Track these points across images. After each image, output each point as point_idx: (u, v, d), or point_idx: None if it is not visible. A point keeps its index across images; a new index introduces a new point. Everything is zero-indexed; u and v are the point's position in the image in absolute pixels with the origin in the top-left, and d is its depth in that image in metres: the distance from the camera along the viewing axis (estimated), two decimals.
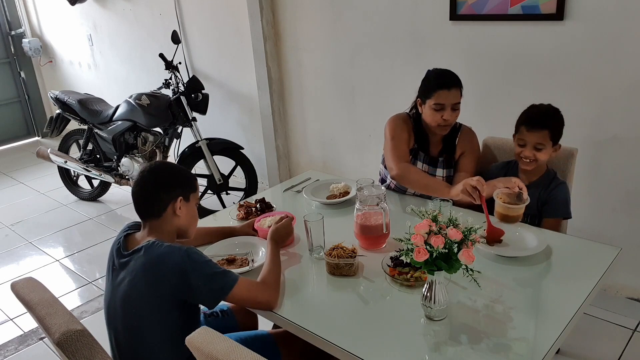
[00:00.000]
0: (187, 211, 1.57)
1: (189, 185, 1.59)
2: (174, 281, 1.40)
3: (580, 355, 2.28)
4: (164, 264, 1.40)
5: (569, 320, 1.35)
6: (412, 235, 1.31)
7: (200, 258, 1.44)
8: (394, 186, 2.22)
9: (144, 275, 1.42)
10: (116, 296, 1.48)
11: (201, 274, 1.41)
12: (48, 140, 5.90)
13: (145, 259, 1.42)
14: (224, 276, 1.44)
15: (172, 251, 1.42)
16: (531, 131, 1.92)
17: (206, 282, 1.41)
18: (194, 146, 3.61)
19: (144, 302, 1.43)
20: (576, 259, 1.66)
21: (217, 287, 1.43)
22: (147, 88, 3.91)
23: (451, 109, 2.02)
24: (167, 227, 1.54)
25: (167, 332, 1.46)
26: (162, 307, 1.43)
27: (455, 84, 2.03)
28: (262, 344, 1.65)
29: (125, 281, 1.45)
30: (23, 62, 6.04)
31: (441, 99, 2.01)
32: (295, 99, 3.78)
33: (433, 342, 1.34)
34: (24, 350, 2.61)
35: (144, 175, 1.53)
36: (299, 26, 3.52)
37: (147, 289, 1.42)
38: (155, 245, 1.44)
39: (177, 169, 1.62)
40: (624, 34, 2.28)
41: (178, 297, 1.43)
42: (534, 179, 2.02)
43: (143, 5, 4.55)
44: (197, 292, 1.42)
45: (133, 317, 1.46)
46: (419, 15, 2.89)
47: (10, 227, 4.01)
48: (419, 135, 2.16)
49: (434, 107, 2.03)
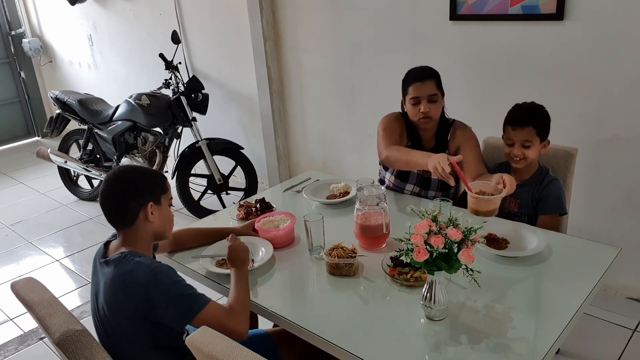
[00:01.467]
0: (160, 214, 1.49)
1: (158, 187, 1.50)
2: (137, 300, 1.36)
3: (580, 355, 2.27)
4: (130, 282, 1.36)
5: (569, 320, 1.35)
6: (412, 235, 1.31)
7: (168, 278, 1.38)
8: (392, 186, 2.23)
9: (112, 290, 1.40)
10: (97, 305, 1.47)
11: (166, 294, 1.35)
12: (48, 140, 5.90)
13: (114, 273, 1.40)
14: (191, 299, 1.38)
15: (137, 268, 1.37)
16: (516, 129, 1.95)
17: (171, 303, 1.36)
18: (194, 146, 3.61)
19: (117, 315, 1.41)
20: (576, 259, 1.66)
21: (183, 310, 1.37)
22: (147, 88, 3.91)
23: (427, 100, 2.04)
24: (142, 234, 1.48)
25: (149, 342, 1.44)
26: (135, 322, 1.40)
27: (428, 76, 2.06)
28: (261, 343, 1.65)
29: (101, 292, 1.44)
30: (23, 62, 6.04)
31: (416, 92, 2.05)
32: (295, 99, 3.78)
33: (433, 342, 1.34)
34: (24, 350, 2.61)
35: (109, 185, 1.45)
36: (299, 26, 3.52)
37: (117, 304, 1.40)
38: (124, 260, 1.40)
39: (143, 171, 1.52)
40: (624, 34, 2.28)
41: (145, 315, 1.38)
42: (526, 177, 2.03)
43: (143, 5, 4.55)
44: (161, 313, 1.37)
45: (112, 327, 1.45)
46: (419, 15, 2.89)
47: (10, 227, 4.01)
48: (411, 133, 2.19)
49: (411, 101, 2.07)
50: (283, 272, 1.68)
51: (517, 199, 2.03)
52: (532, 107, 1.99)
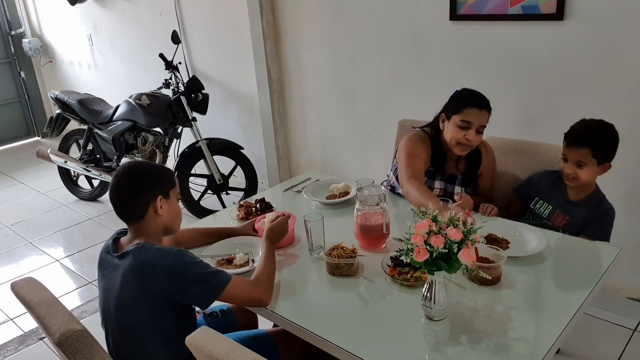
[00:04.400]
0: (169, 208, 1.53)
1: (167, 181, 1.54)
2: (165, 284, 1.39)
3: (580, 355, 2.27)
4: (154, 267, 1.39)
5: (569, 320, 1.35)
6: (412, 235, 1.31)
7: (191, 259, 1.43)
8: None
9: (133, 278, 1.41)
10: (109, 300, 1.48)
11: (193, 275, 1.40)
12: (48, 140, 5.90)
13: (134, 262, 1.41)
14: (216, 276, 1.43)
15: (161, 254, 1.40)
16: (571, 147, 1.83)
17: (198, 282, 1.40)
18: (194, 146, 3.61)
19: (135, 306, 1.43)
20: (576, 259, 1.66)
21: (210, 287, 1.41)
22: (147, 88, 3.91)
23: (476, 130, 1.96)
24: (152, 228, 1.51)
25: (162, 334, 1.46)
26: (153, 310, 1.42)
27: (486, 106, 1.97)
28: (262, 343, 1.64)
29: (117, 285, 1.44)
30: (23, 62, 6.04)
31: (470, 117, 1.94)
32: (295, 99, 3.78)
33: (433, 342, 1.34)
34: (24, 350, 2.61)
35: (119, 180, 1.48)
36: (299, 26, 3.52)
37: (137, 292, 1.41)
38: (144, 248, 1.42)
39: (152, 166, 1.56)
40: (624, 34, 2.28)
41: (170, 300, 1.42)
42: (581, 197, 1.92)
43: (143, 5, 4.55)
44: (189, 294, 1.40)
45: (126, 320, 1.45)
46: (419, 15, 2.89)
47: (10, 227, 4.01)
48: (436, 154, 2.09)
49: (460, 123, 1.95)
50: (283, 272, 1.68)
51: (567, 216, 1.94)
52: (595, 126, 1.83)
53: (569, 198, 1.95)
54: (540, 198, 2.01)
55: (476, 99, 1.98)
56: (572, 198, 1.93)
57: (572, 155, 1.83)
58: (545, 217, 1.98)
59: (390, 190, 2.24)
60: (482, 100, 1.98)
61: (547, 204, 1.99)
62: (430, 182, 2.11)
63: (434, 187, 2.11)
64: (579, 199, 1.93)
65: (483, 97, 1.99)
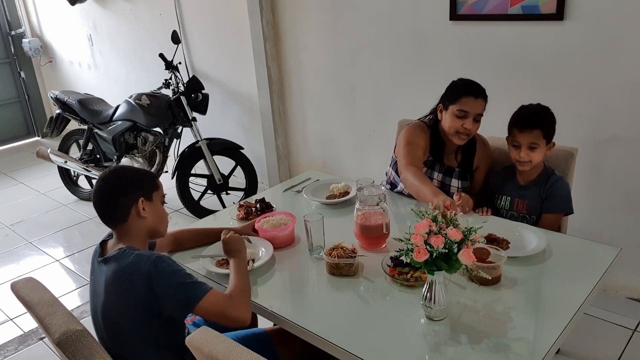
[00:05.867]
0: (152, 211, 1.51)
1: (149, 184, 1.53)
2: (141, 291, 1.37)
3: (580, 355, 2.27)
4: (132, 274, 1.37)
5: (569, 320, 1.35)
6: (412, 235, 1.31)
7: (169, 267, 1.40)
8: (407, 192, 2.14)
9: (114, 285, 1.41)
10: (96, 305, 1.48)
11: (168, 283, 1.37)
12: (48, 140, 5.90)
13: (115, 268, 1.41)
14: (192, 287, 1.39)
15: (139, 260, 1.38)
16: (523, 132, 1.92)
17: (173, 292, 1.37)
18: (194, 146, 3.61)
19: (118, 313, 1.42)
20: (576, 259, 1.66)
21: (184, 298, 1.38)
22: (147, 88, 3.91)
23: (473, 119, 2.00)
24: (136, 231, 1.50)
25: (149, 338, 1.45)
26: (137, 317, 1.41)
27: (482, 94, 2.02)
28: (261, 342, 1.64)
29: (101, 291, 1.44)
30: (23, 62, 6.04)
31: (467, 106, 1.99)
32: (295, 99, 3.78)
33: (433, 342, 1.34)
34: (24, 350, 2.61)
35: (100, 184, 1.49)
36: (299, 26, 3.52)
37: (118, 300, 1.41)
38: (124, 254, 1.41)
39: (134, 170, 1.58)
40: (624, 34, 2.28)
41: (148, 307, 1.39)
42: (532, 178, 2.02)
43: (143, 5, 4.55)
44: (163, 302, 1.37)
45: (113, 326, 1.45)
46: (419, 15, 2.89)
47: (10, 227, 4.01)
48: (435, 144, 2.13)
49: (457, 113, 2.00)
50: (283, 272, 1.68)
51: (525, 200, 2.02)
52: (538, 109, 1.96)
53: (520, 184, 2.05)
54: (498, 193, 2.10)
55: (472, 88, 2.03)
56: (523, 182, 2.03)
57: (525, 139, 1.92)
58: (508, 209, 2.06)
59: (390, 188, 2.26)
60: (477, 89, 2.02)
61: (505, 196, 2.07)
62: (430, 173, 2.15)
63: (432, 179, 2.14)
64: (530, 181, 2.02)
65: (479, 85, 2.04)
